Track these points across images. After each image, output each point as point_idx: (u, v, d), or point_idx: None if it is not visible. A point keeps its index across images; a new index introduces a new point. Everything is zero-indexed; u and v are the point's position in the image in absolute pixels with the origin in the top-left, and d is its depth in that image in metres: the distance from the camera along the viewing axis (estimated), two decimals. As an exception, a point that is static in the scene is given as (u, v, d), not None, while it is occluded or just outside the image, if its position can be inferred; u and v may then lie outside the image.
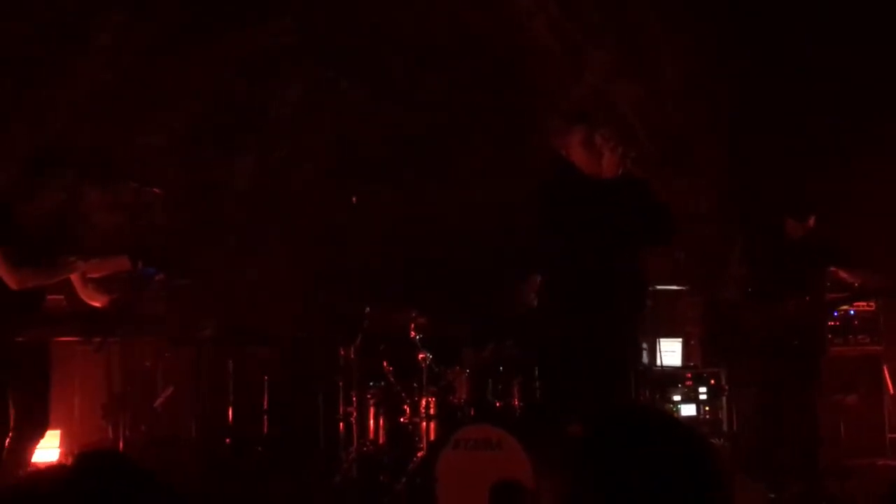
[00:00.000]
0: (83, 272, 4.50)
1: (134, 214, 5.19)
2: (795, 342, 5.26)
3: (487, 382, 5.11)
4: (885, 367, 6.14)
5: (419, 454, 4.97)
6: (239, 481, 5.37)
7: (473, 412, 4.98)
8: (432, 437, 5.01)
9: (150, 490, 1.25)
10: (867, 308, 6.13)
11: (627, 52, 6.67)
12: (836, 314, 5.97)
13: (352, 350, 5.61)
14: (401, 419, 5.26)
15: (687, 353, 6.32)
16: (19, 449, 4.22)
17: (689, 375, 5.90)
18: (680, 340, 6.29)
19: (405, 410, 5.22)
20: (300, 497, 5.45)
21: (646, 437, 1.35)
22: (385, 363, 5.48)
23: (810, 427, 5.28)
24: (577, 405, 3.87)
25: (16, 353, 4.19)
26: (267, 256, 6.62)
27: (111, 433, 4.45)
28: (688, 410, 5.82)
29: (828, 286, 5.48)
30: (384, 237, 6.60)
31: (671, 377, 5.84)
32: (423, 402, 5.10)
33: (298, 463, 5.76)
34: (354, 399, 5.57)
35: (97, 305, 4.55)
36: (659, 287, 5.63)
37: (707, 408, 5.86)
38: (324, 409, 5.79)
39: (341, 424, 5.60)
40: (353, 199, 5.86)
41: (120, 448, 4.28)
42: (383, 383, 5.48)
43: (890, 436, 6.08)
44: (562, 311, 4.04)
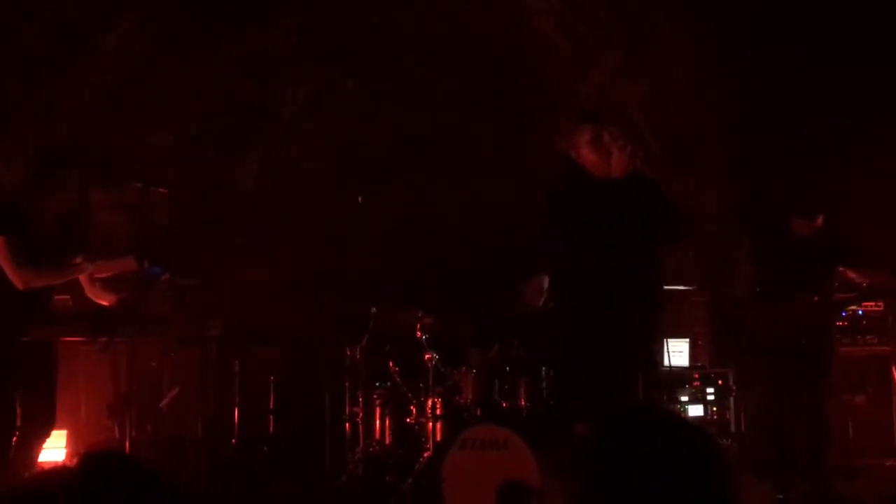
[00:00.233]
0: (90, 272, 4.51)
1: (139, 215, 5.20)
2: (803, 342, 5.24)
3: (494, 383, 5.10)
4: (894, 368, 6.10)
5: (425, 454, 4.96)
6: (245, 481, 5.38)
7: (480, 412, 4.97)
8: (439, 438, 5.01)
9: (156, 490, 1.25)
10: (875, 308, 6.10)
11: (633, 52, 6.65)
12: (845, 314, 5.94)
13: (358, 350, 5.61)
14: (407, 419, 5.25)
15: (694, 354, 6.30)
16: (26, 448, 4.23)
17: (697, 376, 5.88)
18: (687, 341, 6.27)
19: (411, 411, 5.22)
20: (306, 497, 5.45)
21: (653, 438, 1.34)
22: (391, 363, 5.47)
23: (818, 427, 5.26)
24: (585, 405, 3.85)
25: (22, 353, 4.19)
26: (272, 256, 6.62)
27: (117, 433, 4.45)
28: (695, 411, 5.80)
29: (836, 286, 5.46)
30: (389, 237, 6.60)
31: (678, 377, 5.81)
32: (430, 403, 5.09)
33: (304, 463, 5.76)
34: (361, 399, 5.57)
35: (105, 304, 4.56)
36: (666, 287, 5.60)
37: (715, 408, 5.84)
38: (330, 410, 5.78)
39: (347, 425, 5.59)
40: (360, 199, 5.86)
41: (126, 448, 4.28)
42: (389, 383, 5.47)
43: (898, 436, 6.06)
44: (572, 312, 4.02)
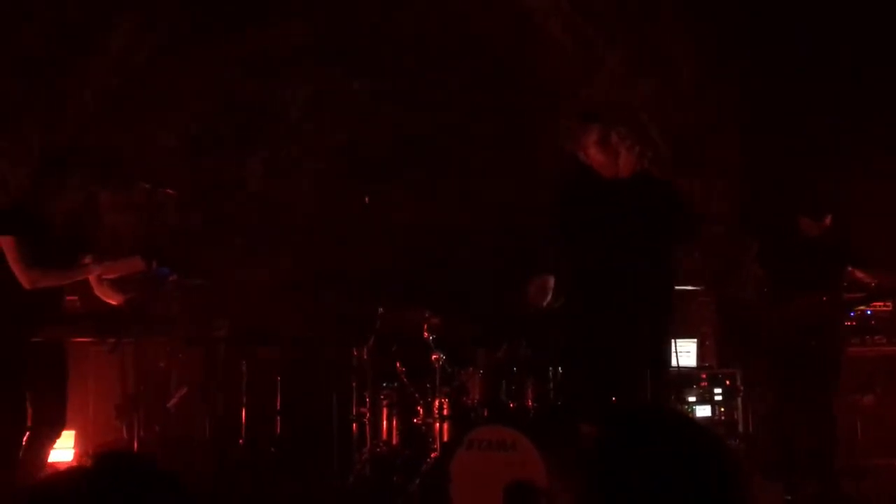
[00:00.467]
0: (98, 273, 4.52)
1: (147, 215, 5.20)
2: (811, 342, 5.23)
3: (501, 383, 5.09)
4: (903, 368, 6.09)
5: (433, 455, 4.96)
6: (252, 482, 5.38)
7: (487, 413, 4.96)
8: (446, 438, 5.00)
9: (173, 491, 1.24)
10: (884, 308, 6.08)
11: (640, 52, 6.64)
12: (853, 314, 5.92)
13: (365, 351, 5.61)
14: (414, 420, 5.25)
15: (702, 354, 6.29)
16: (36, 448, 4.24)
17: (705, 376, 5.87)
18: (695, 341, 6.26)
19: (418, 411, 5.21)
20: (313, 498, 5.45)
21: (661, 439, 1.33)
22: (398, 364, 5.47)
23: (826, 428, 5.25)
24: (593, 406, 3.84)
25: (33, 353, 4.21)
26: (278, 257, 6.62)
27: (125, 433, 4.45)
28: (703, 411, 5.78)
29: (844, 286, 5.44)
30: (396, 237, 6.60)
31: (686, 378, 5.80)
32: (437, 403, 5.09)
33: (311, 464, 5.76)
34: (368, 400, 5.56)
35: (113, 303, 4.57)
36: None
37: (722, 409, 5.82)
38: (337, 410, 5.78)
39: (354, 425, 5.59)
40: (366, 199, 5.86)
41: (134, 448, 4.28)
42: (396, 384, 5.47)
43: (907, 436, 6.03)
44: (579, 312, 4.01)
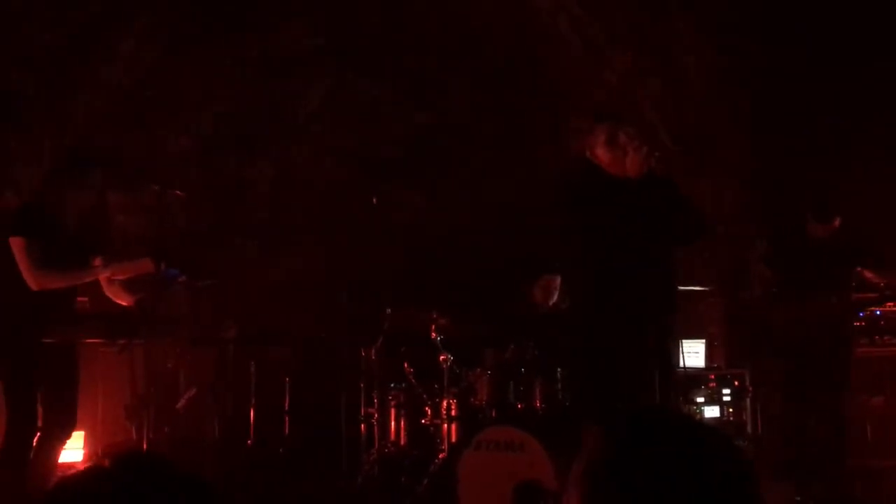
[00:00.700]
0: (108, 274, 4.53)
1: (156, 217, 5.22)
2: (820, 343, 5.22)
3: (509, 384, 5.09)
4: (913, 369, 6.06)
5: (441, 455, 4.96)
6: (260, 482, 5.39)
7: (495, 414, 4.96)
8: (454, 439, 5.00)
9: (193, 491, 1.24)
10: (894, 309, 6.05)
11: (649, 52, 6.63)
12: (863, 315, 5.90)
13: (373, 351, 5.62)
14: (422, 420, 5.25)
15: (710, 355, 6.27)
16: (47, 449, 4.25)
17: (713, 377, 5.85)
18: (703, 341, 6.24)
19: (426, 412, 5.22)
20: (321, 498, 5.46)
21: (668, 439, 1.33)
22: (406, 364, 5.47)
23: (836, 428, 5.23)
24: (599, 407, 3.84)
25: (44, 354, 4.22)
26: (288, 257, 6.64)
27: (134, 434, 4.47)
28: (711, 412, 5.76)
29: (854, 287, 5.43)
30: (404, 238, 6.60)
31: (694, 379, 5.79)
32: (445, 404, 5.09)
33: (320, 464, 5.77)
34: (376, 400, 5.57)
35: (123, 304, 4.58)
36: (682, 288, 5.58)
37: (731, 409, 5.80)
38: (345, 411, 5.79)
39: (363, 426, 5.59)
40: (374, 200, 5.87)
41: (143, 449, 4.30)
42: (404, 385, 5.47)
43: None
44: (586, 312, 4.00)
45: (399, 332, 5.63)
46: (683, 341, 5.39)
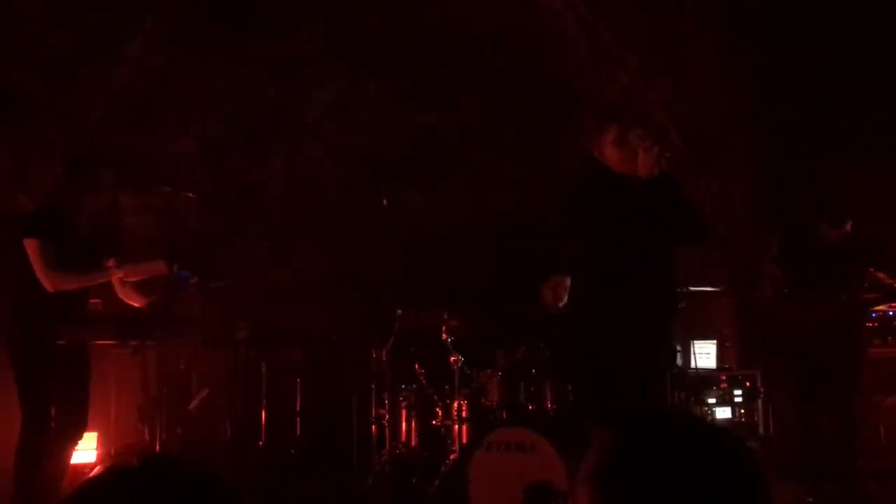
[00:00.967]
0: (120, 276, 4.56)
1: (167, 218, 5.25)
2: (831, 343, 5.20)
3: (519, 385, 5.09)
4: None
5: (452, 457, 4.96)
6: (271, 483, 5.40)
7: (506, 415, 4.96)
8: (465, 440, 5.00)
9: (219, 492, 1.24)
10: (906, 309, 6.03)
11: (659, 52, 6.62)
12: (875, 315, 5.88)
13: (384, 352, 5.62)
14: (433, 422, 5.25)
15: (721, 355, 6.26)
16: (59, 450, 4.27)
17: (724, 377, 5.84)
18: (714, 342, 6.23)
19: (437, 413, 5.22)
20: (332, 499, 5.47)
21: (679, 440, 1.33)
22: (417, 365, 5.48)
23: (848, 429, 5.21)
24: (609, 408, 3.83)
25: (57, 356, 4.24)
26: (298, 259, 6.65)
27: (147, 435, 4.49)
28: (723, 413, 5.75)
29: (865, 287, 5.41)
30: (414, 239, 6.61)
31: (706, 379, 5.78)
32: (455, 405, 5.09)
33: (331, 465, 5.78)
34: (387, 401, 5.57)
35: (136, 306, 4.61)
36: (693, 288, 5.58)
37: (742, 410, 5.79)
38: (356, 412, 5.80)
39: (374, 427, 5.60)
40: (384, 202, 5.88)
41: (157, 450, 4.32)
42: (415, 386, 5.48)
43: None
44: (595, 313, 4.00)
45: (410, 334, 5.64)
46: (695, 342, 5.39)
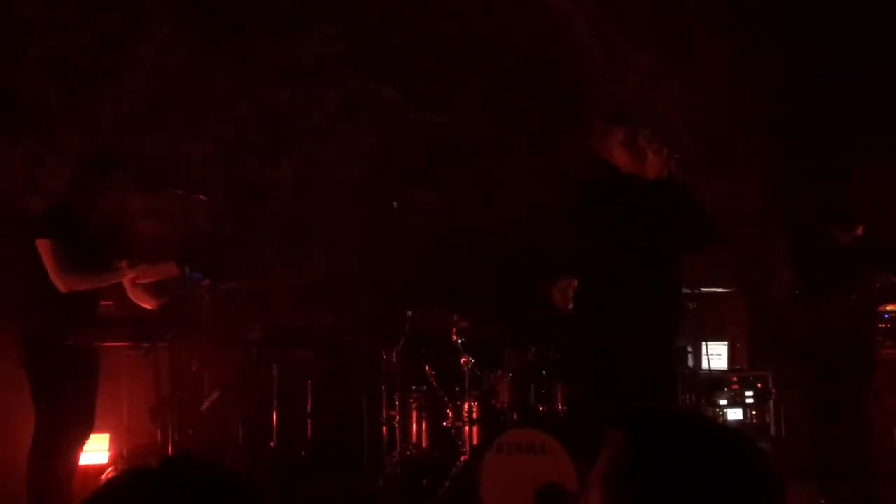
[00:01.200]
0: (133, 277, 4.58)
1: (179, 221, 5.27)
2: (843, 345, 5.18)
3: (530, 386, 5.09)
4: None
5: (462, 458, 4.97)
6: (282, 484, 5.41)
7: (516, 416, 4.96)
8: (475, 442, 5.01)
9: (241, 493, 1.25)
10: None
11: (670, 53, 6.61)
12: (887, 316, 5.85)
13: (394, 354, 5.63)
14: (443, 423, 5.25)
15: (733, 357, 6.24)
16: (66, 451, 4.29)
17: (736, 379, 5.82)
18: (726, 343, 6.21)
19: (448, 414, 5.22)
20: (343, 501, 5.48)
21: (691, 442, 1.33)
22: (427, 367, 5.48)
23: (860, 431, 5.19)
24: (618, 410, 3.83)
25: (67, 357, 4.26)
26: (309, 260, 6.67)
27: (159, 436, 4.51)
28: (734, 414, 5.73)
29: (877, 288, 5.39)
30: (425, 241, 6.62)
31: (717, 381, 5.76)
32: (466, 406, 5.10)
33: (342, 467, 5.79)
34: (397, 403, 5.58)
35: (147, 307, 4.63)
36: (704, 290, 5.57)
37: (754, 412, 5.77)
38: (367, 413, 5.81)
39: (384, 428, 5.60)
40: (395, 204, 5.89)
41: (168, 451, 4.34)
42: (426, 387, 5.48)
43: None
44: (601, 314, 3.99)
45: (420, 335, 5.64)
46: (706, 343, 5.38)
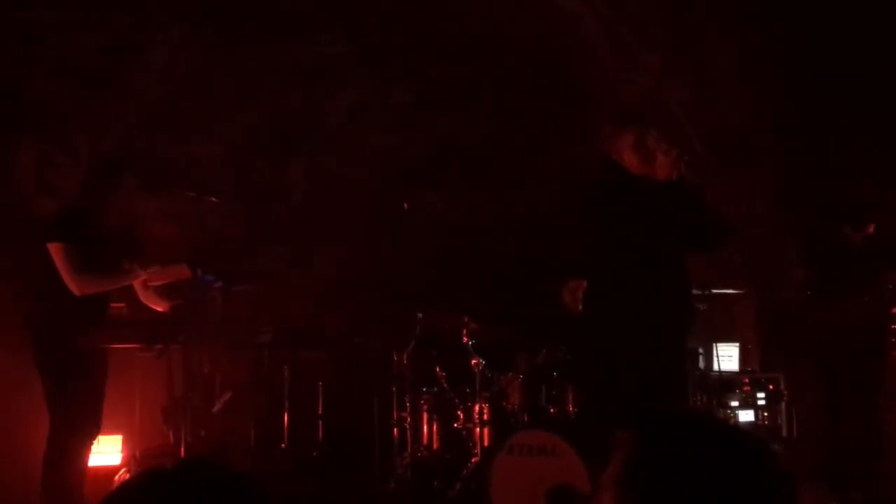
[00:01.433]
0: (144, 279, 4.60)
1: (191, 223, 5.29)
2: (855, 345, 5.16)
3: (541, 388, 5.09)
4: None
5: (473, 460, 4.97)
6: (294, 486, 5.42)
7: (527, 418, 4.96)
8: (486, 443, 5.01)
9: (252, 495, 1.26)
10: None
11: (679, 53, 6.59)
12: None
13: (405, 355, 5.63)
14: (454, 425, 5.26)
15: (744, 358, 6.22)
16: (73, 452, 4.31)
17: (747, 380, 5.80)
18: (737, 345, 6.19)
19: (459, 416, 5.23)
20: (354, 502, 5.48)
21: (704, 443, 1.33)
22: (438, 369, 5.49)
23: (873, 432, 5.17)
24: (627, 411, 3.82)
25: (78, 358, 4.28)
26: (321, 262, 6.68)
27: (171, 438, 4.53)
28: (746, 416, 5.72)
29: (889, 288, 5.36)
30: (435, 242, 6.62)
31: (728, 382, 5.75)
32: (477, 408, 5.10)
33: (353, 468, 5.80)
34: (408, 404, 5.58)
35: (159, 310, 4.65)
36: (715, 291, 5.55)
37: (765, 413, 5.75)
38: (378, 415, 5.82)
39: (395, 430, 5.61)
40: (405, 206, 5.90)
41: (181, 452, 4.35)
42: (436, 389, 5.49)
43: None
44: (610, 315, 3.99)
45: (431, 336, 5.65)
46: (717, 344, 5.36)
